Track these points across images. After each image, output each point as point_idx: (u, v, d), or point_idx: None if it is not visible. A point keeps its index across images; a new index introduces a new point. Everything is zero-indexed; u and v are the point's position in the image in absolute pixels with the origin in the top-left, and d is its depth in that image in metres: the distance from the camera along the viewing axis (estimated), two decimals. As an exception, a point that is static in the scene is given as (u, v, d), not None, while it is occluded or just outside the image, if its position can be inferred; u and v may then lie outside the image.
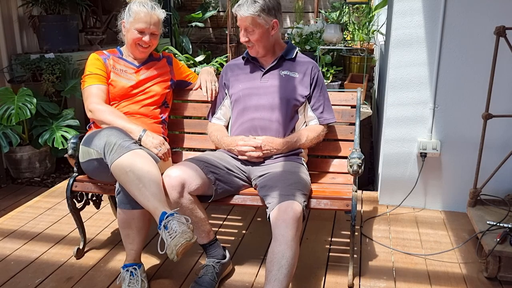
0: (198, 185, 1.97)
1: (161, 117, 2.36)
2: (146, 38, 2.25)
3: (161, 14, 2.29)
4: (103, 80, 2.28)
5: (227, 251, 2.16)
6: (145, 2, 2.27)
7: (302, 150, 2.25)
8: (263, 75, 2.23)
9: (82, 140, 2.20)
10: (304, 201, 1.91)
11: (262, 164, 2.14)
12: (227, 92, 2.33)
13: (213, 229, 2.14)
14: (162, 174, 2.12)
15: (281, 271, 1.75)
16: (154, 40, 2.30)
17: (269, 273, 1.77)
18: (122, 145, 1.95)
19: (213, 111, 2.39)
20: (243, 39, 2.17)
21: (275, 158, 2.15)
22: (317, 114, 2.25)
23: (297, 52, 2.28)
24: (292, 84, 2.20)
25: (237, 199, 2.10)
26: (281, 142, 2.14)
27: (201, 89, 2.44)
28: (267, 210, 1.91)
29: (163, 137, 2.27)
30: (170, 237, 1.78)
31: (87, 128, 2.35)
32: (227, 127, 2.37)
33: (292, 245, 1.78)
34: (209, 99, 2.39)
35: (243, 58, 2.31)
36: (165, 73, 2.41)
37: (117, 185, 2.00)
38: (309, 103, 2.24)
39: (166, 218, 1.82)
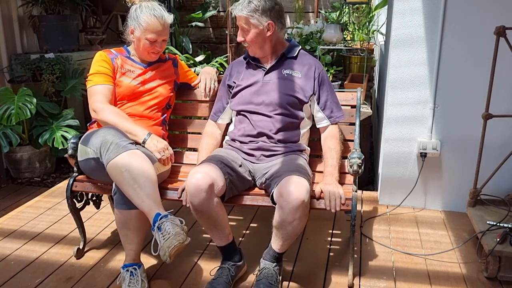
0: (222, 186, 1.95)
1: (162, 118, 2.36)
2: (158, 46, 2.26)
3: (170, 18, 2.27)
4: (109, 79, 2.25)
5: (241, 252, 2.14)
6: (154, 8, 2.22)
7: (306, 147, 2.25)
8: (264, 74, 2.21)
9: (81, 139, 2.18)
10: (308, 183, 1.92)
11: (266, 162, 2.13)
12: (231, 91, 2.30)
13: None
14: (162, 175, 2.11)
15: (286, 232, 1.89)
16: (165, 44, 2.30)
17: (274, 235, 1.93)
18: (118, 145, 1.94)
19: (215, 111, 2.35)
20: (239, 38, 2.18)
21: (280, 154, 2.15)
22: (327, 114, 2.21)
23: (299, 51, 2.26)
24: (294, 83, 2.18)
25: (239, 200, 2.08)
26: (334, 181, 2.06)
27: (199, 87, 2.46)
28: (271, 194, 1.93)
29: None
30: (163, 239, 1.77)
31: (87, 126, 2.34)
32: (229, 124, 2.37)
33: (298, 212, 1.83)
34: (207, 98, 2.44)
35: (244, 58, 2.30)
36: (170, 75, 2.41)
37: (113, 185, 2.00)
38: (317, 104, 2.21)
39: (160, 220, 1.82)
